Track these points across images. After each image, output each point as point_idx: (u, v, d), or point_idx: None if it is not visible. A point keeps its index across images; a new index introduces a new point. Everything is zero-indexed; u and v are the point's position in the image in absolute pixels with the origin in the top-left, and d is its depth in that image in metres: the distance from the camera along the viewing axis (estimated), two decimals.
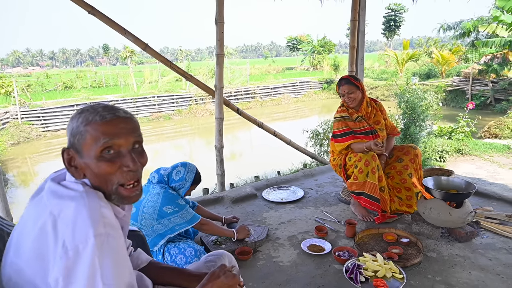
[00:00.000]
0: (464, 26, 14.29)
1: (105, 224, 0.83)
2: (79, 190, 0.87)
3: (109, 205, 0.91)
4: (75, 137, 0.90)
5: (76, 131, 0.89)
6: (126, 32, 3.34)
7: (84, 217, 0.82)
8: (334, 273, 2.13)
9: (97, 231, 0.80)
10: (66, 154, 0.92)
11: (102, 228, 0.82)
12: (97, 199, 0.87)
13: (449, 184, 2.61)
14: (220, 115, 3.79)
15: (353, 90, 2.82)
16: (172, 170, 2.20)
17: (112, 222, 0.86)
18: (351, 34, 4.29)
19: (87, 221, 0.81)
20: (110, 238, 0.82)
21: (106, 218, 0.85)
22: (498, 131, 7.56)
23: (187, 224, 2.07)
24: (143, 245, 1.34)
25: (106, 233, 0.82)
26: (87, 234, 0.79)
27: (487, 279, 2.03)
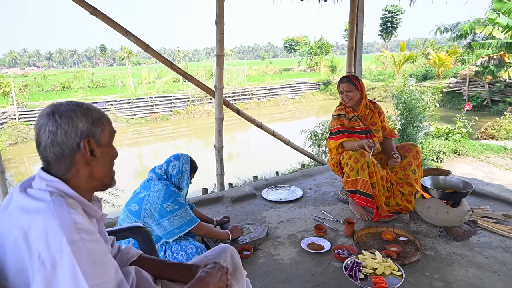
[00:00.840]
0: (461, 28, 14.42)
1: (78, 230, 0.82)
2: (46, 200, 0.85)
3: (80, 209, 0.90)
4: (97, 125, 0.96)
5: (97, 118, 0.97)
6: (127, 33, 3.36)
7: (54, 228, 0.81)
8: (333, 270, 2.16)
9: (70, 238, 0.80)
10: (88, 143, 0.94)
11: (76, 235, 0.81)
12: (65, 206, 0.85)
13: (446, 183, 2.65)
14: (220, 115, 3.82)
15: (351, 89, 2.87)
16: (167, 166, 2.21)
17: (85, 227, 0.85)
18: (349, 35, 4.33)
19: (58, 231, 0.80)
20: (86, 243, 0.82)
21: (78, 223, 0.84)
22: (494, 132, 7.63)
23: (186, 227, 2.06)
24: (149, 241, 1.36)
25: (81, 239, 0.81)
26: (61, 243, 0.79)
27: (484, 276, 2.06)
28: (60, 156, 0.91)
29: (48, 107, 0.94)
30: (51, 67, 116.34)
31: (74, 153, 0.92)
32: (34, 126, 0.94)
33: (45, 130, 0.90)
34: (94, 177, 0.97)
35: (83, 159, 0.94)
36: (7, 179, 9.72)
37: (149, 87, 19.37)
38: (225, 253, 1.35)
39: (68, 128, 0.91)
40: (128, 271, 1.10)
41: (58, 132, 0.90)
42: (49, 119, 0.91)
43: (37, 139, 0.93)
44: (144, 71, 21.90)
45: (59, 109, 0.92)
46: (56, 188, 0.90)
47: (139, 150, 12.98)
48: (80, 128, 0.93)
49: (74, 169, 0.93)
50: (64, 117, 0.91)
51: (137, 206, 2.07)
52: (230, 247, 1.41)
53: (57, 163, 0.92)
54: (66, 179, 0.92)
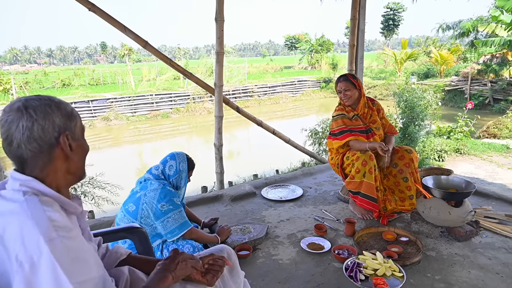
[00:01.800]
0: (464, 25, 14.33)
1: (55, 227, 0.80)
2: (19, 201, 0.82)
3: (56, 206, 0.86)
4: (71, 119, 0.94)
5: (70, 113, 0.94)
6: (126, 30, 3.32)
7: (30, 227, 0.78)
8: (333, 271, 2.13)
9: (48, 236, 0.77)
10: (66, 138, 0.91)
11: (53, 233, 0.79)
12: (39, 204, 0.82)
13: (448, 183, 2.61)
14: (219, 113, 3.78)
15: (349, 87, 2.83)
16: (164, 166, 2.17)
17: (63, 224, 0.82)
18: (351, 32, 4.28)
19: (35, 230, 0.77)
20: (64, 240, 0.79)
21: (54, 221, 0.81)
22: (496, 131, 7.59)
23: (179, 231, 2.02)
24: (145, 241, 1.33)
25: (58, 236, 0.79)
26: (38, 243, 0.76)
27: (487, 278, 2.03)
28: (37, 153, 0.87)
29: (15, 102, 0.89)
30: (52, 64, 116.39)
31: (52, 148, 0.89)
32: (0, 124, 0.88)
33: (18, 126, 0.85)
34: (71, 172, 0.95)
35: (62, 154, 0.91)
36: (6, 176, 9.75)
37: (149, 85, 19.33)
38: (221, 253, 1.32)
39: (45, 123, 0.87)
40: (122, 271, 1.08)
41: (35, 127, 0.86)
42: (22, 115, 0.85)
43: (7, 137, 0.87)
44: (144, 69, 21.85)
45: (32, 103, 0.87)
46: (31, 187, 0.86)
47: (139, 147, 12.95)
48: (57, 123, 0.89)
49: (52, 165, 0.90)
50: (40, 111, 0.87)
51: (134, 206, 2.04)
52: (227, 247, 1.38)
53: (33, 160, 0.88)
54: (42, 177, 0.89)
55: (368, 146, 2.70)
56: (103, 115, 15.77)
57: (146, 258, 1.22)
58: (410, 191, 2.71)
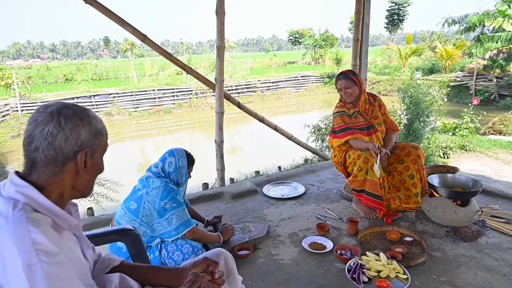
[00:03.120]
0: (470, 20, 14.12)
1: (38, 251, 0.74)
2: (7, 215, 0.78)
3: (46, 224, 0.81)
4: (97, 138, 0.92)
5: (99, 131, 0.92)
6: (124, 23, 3.25)
7: (10, 249, 0.73)
8: (336, 272, 2.07)
9: (26, 261, 0.72)
10: (85, 156, 0.89)
11: (34, 257, 0.73)
12: (25, 224, 0.77)
13: (455, 181, 2.54)
14: (220, 109, 3.72)
15: (350, 85, 2.76)
16: (163, 164, 2.13)
17: (47, 248, 0.76)
18: (355, 27, 4.19)
19: (14, 253, 0.73)
20: (44, 266, 0.73)
21: (38, 244, 0.75)
22: (502, 128, 7.48)
23: (184, 228, 1.99)
24: (138, 243, 1.28)
25: (39, 261, 0.73)
26: (16, 267, 0.72)
27: (494, 280, 1.97)
28: (51, 161, 0.85)
29: (52, 105, 0.87)
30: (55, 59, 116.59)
31: (67, 161, 0.86)
32: (29, 120, 0.86)
33: (43, 130, 0.83)
34: (76, 188, 0.92)
35: (74, 169, 0.88)
36: (8, 171, 9.73)
37: (152, 80, 19.29)
38: (218, 257, 1.27)
39: (70, 135, 0.85)
40: (110, 279, 1.02)
41: (59, 136, 0.84)
42: (52, 119, 0.84)
43: (29, 135, 0.84)
44: (147, 63, 21.79)
45: (65, 111, 0.86)
46: (26, 195, 0.82)
47: (142, 143, 12.94)
48: (82, 138, 0.87)
49: (60, 177, 0.87)
50: (70, 122, 0.85)
51: (136, 204, 2.00)
52: (224, 251, 1.32)
53: (44, 166, 0.85)
54: (45, 184, 0.85)
55: (364, 146, 2.64)
56: (105, 110, 15.76)
57: (139, 265, 1.17)
58: (416, 188, 2.64)
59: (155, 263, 1.99)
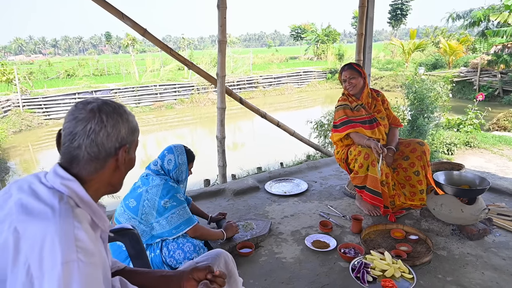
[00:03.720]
0: (474, 15, 13.95)
1: (78, 248, 0.74)
2: (53, 206, 0.77)
3: (86, 222, 0.80)
4: (134, 134, 0.95)
5: (135, 128, 0.95)
6: (124, 17, 3.19)
7: (52, 240, 0.72)
8: (339, 271, 2.03)
9: (66, 257, 0.71)
10: (124, 152, 0.92)
11: (74, 254, 0.72)
12: (71, 219, 0.76)
13: (461, 179, 2.49)
14: (222, 105, 3.66)
15: (355, 75, 2.73)
16: (162, 161, 2.09)
17: (87, 246, 0.76)
18: (359, 21, 4.12)
19: (56, 245, 0.71)
20: (81, 265, 0.72)
21: (79, 241, 0.75)
22: (507, 124, 7.40)
23: (185, 227, 1.95)
24: (137, 244, 1.24)
25: (77, 259, 0.72)
26: (54, 261, 0.70)
27: (501, 280, 1.92)
28: (93, 158, 0.86)
29: (91, 102, 0.88)
30: (56, 54, 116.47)
31: (108, 157, 0.88)
32: (68, 117, 0.86)
33: (85, 127, 0.84)
34: (112, 183, 0.94)
35: (114, 165, 0.90)
36: (10, 167, 9.70)
37: (153, 75, 19.20)
38: (218, 259, 1.23)
39: (112, 131, 0.87)
40: (113, 283, 0.98)
41: (101, 133, 0.85)
42: (94, 116, 0.85)
43: (70, 133, 0.85)
44: (148, 59, 21.67)
45: (106, 108, 0.88)
46: (71, 188, 0.82)
47: (144, 139, 12.90)
48: (122, 134, 0.90)
49: (101, 173, 0.89)
50: (111, 119, 0.87)
51: (135, 202, 1.96)
52: (224, 252, 1.28)
53: (87, 163, 0.86)
54: (85, 180, 0.86)
55: (365, 143, 2.59)
56: None
57: (139, 270, 1.14)
58: (421, 185, 2.59)
59: (156, 261, 1.96)
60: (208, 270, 1.04)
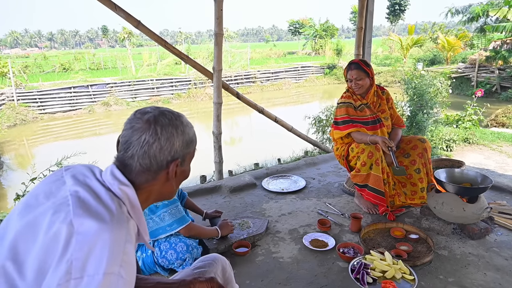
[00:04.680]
0: (473, 10, 13.87)
1: (123, 262, 0.71)
2: (112, 211, 0.75)
3: (134, 235, 0.79)
4: (189, 147, 0.92)
5: (191, 140, 0.92)
6: (117, 8, 3.09)
7: (103, 246, 0.70)
8: (338, 271, 1.98)
9: (110, 268, 0.68)
10: (176, 166, 0.89)
11: (117, 267, 0.70)
12: (125, 230, 0.75)
13: (463, 177, 2.43)
14: (218, 100, 3.58)
15: (362, 76, 2.61)
16: None
17: (131, 261, 0.74)
18: (358, 14, 4.03)
19: (104, 252, 0.69)
20: (120, 280, 0.69)
21: (126, 255, 0.73)
22: (505, 120, 7.36)
23: (178, 225, 1.90)
24: None
25: (118, 273, 0.69)
26: (98, 268, 0.67)
27: (504, 281, 1.87)
28: (145, 169, 0.85)
29: (149, 111, 0.87)
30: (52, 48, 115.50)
31: (160, 170, 0.87)
32: (126, 124, 0.86)
33: (140, 137, 0.83)
34: (162, 193, 0.93)
35: (165, 177, 0.89)
36: (4, 161, 9.57)
37: (150, 69, 19.03)
38: (215, 265, 1.16)
39: (165, 145, 0.85)
40: None
41: (154, 145, 0.84)
42: (149, 128, 0.84)
43: (125, 142, 0.85)
44: (145, 53, 21.49)
45: (162, 120, 0.86)
46: (125, 193, 0.81)
47: None
48: (175, 148, 0.87)
49: (152, 184, 0.88)
50: (166, 131, 0.85)
51: None
52: (221, 257, 1.21)
53: (139, 174, 0.85)
54: (138, 187, 0.85)
55: (369, 139, 2.51)
56: (102, 100, 15.55)
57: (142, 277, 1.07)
58: (422, 183, 2.53)
59: (148, 262, 1.89)
60: (210, 283, 1.00)
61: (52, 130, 12.95)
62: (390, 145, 2.41)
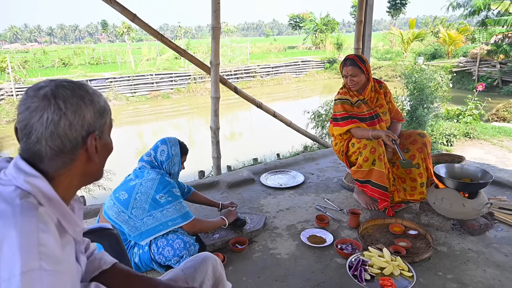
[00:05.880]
0: (475, 3, 13.74)
1: (41, 255, 0.63)
2: (13, 203, 0.66)
3: (52, 224, 0.69)
4: (103, 116, 0.80)
5: (103, 109, 0.81)
6: (112, 1, 3.04)
7: (11, 244, 0.62)
8: (336, 268, 1.95)
9: (26, 266, 0.60)
10: (94, 140, 0.78)
11: (36, 262, 0.62)
12: (35, 218, 0.66)
13: (463, 172, 2.40)
14: (216, 94, 3.54)
15: (357, 73, 2.56)
16: (155, 153, 2.03)
17: (52, 252, 0.65)
18: (358, 7, 3.98)
19: (14, 251, 0.61)
20: (44, 275, 0.62)
21: (43, 246, 0.64)
22: (506, 114, 7.31)
23: (181, 220, 1.88)
24: (116, 244, 1.15)
25: (39, 268, 0.62)
26: (12, 270, 0.60)
27: (504, 277, 1.85)
28: (58, 152, 0.74)
29: (43, 86, 0.73)
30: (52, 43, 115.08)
31: (76, 149, 0.76)
32: (20, 107, 0.73)
33: (42, 117, 0.71)
34: (89, 174, 0.82)
35: (85, 155, 0.78)
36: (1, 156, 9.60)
37: (149, 64, 18.95)
38: (205, 264, 1.13)
39: (74, 119, 0.74)
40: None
41: (61, 122, 0.72)
42: (49, 104, 0.71)
43: (25, 126, 0.72)
44: (144, 48, 21.34)
45: (62, 93, 0.73)
46: (35, 186, 0.70)
47: (139, 128, 12.76)
48: (88, 120, 0.76)
49: (71, 167, 0.76)
50: (70, 104, 0.73)
51: (126, 195, 1.88)
52: (212, 256, 1.18)
53: (53, 159, 0.74)
54: (53, 176, 0.74)
55: (371, 135, 2.48)
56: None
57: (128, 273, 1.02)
58: (422, 178, 2.50)
59: (144, 259, 1.87)
60: None
61: None
62: (394, 138, 2.38)
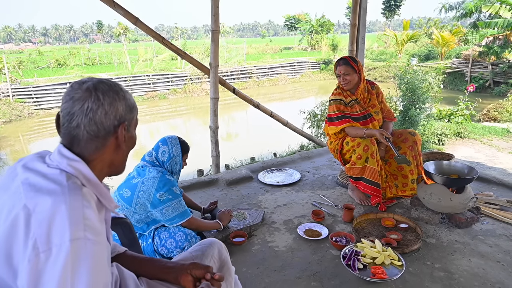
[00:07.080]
0: (466, 6, 13.97)
1: (86, 227, 0.74)
2: (62, 184, 0.77)
3: (93, 201, 0.81)
4: (132, 111, 0.94)
5: (133, 105, 0.95)
6: (115, 5, 3.14)
7: (62, 217, 0.72)
8: (331, 259, 2.07)
9: (74, 234, 0.71)
10: (123, 129, 0.91)
11: (81, 232, 0.73)
12: (80, 197, 0.77)
13: (450, 168, 2.53)
14: (215, 95, 3.65)
15: (349, 72, 2.69)
16: (156, 153, 2.08)
17: (94, 225, 0.77)
18: (352, 11, 4.11)
19: (65, 222, 0.72)
20: (89, 244, 0.73)
21: (87, 220, 0.75)
22: (497, 115, 7.49)
23: (179, 219, 1.97)
24: (130, 233, 1.25)
25: (84, 238, 0.73)
26: (62, 237, 0.70)
27: (487, 266, 1.98)
28: (93, 137, 0.86)
29: (86, 81, 0.88)
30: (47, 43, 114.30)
31: (108, 136, 0.88)
32: (64, 97, 0.86)
33: (83, 106, 0.84)
34: (114, 163, 0.94)
35: (115, 143, 0.91)
36: (0, 157, 9.58)
37: (146, 65, 18.99)
38: (212, 248, 1.24)
39: (109, 109, 0.87)
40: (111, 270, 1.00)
41: (99, 111, 0.85)
42: (90, 95, 0.85)
43: (68, 113, 0.85)
44: (141, 48, 21.40)
45: (101, 87, 0.87)
46: (77, 169, 0.83)
47: (137, 129, 12.77)
48: (120, 112, 0.89)
49: (102, 152, 0.89)
50: (108, 96, 0.87)
51: (130, 193, 1.96)
52: (217, 241, 1.29)
53: (88, 143, 0.86)
54: (89, 160, 0.87)
55: (365, 133, 2.60)
56: None
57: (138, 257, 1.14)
58: (413, 175, 2.63)
59: (148, 250, 1.98)
60: (207, 271, 1.05)
61: (48, 126, 12.92)
62: (388, 136, 2.50)
